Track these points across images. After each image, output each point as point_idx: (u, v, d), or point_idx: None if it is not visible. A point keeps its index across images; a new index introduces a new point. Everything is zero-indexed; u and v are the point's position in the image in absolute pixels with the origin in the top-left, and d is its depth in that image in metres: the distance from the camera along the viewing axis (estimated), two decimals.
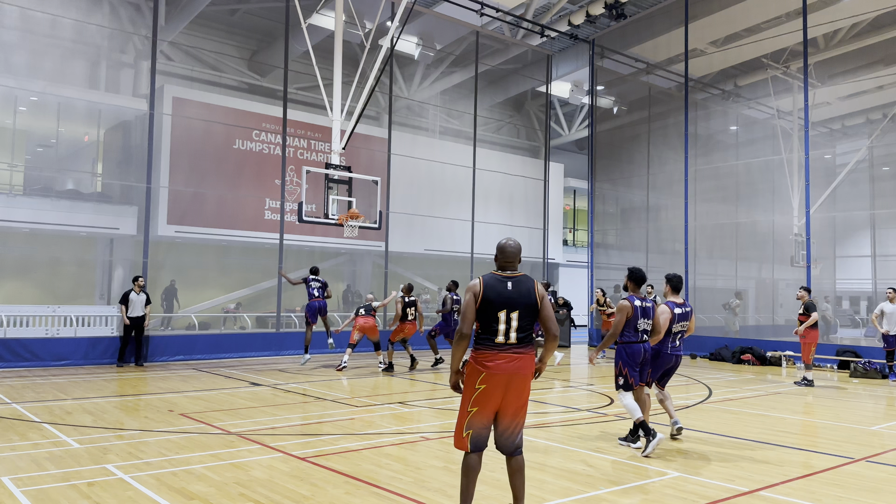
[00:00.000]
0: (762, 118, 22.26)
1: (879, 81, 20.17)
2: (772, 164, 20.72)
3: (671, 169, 21.86)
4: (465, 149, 22.02)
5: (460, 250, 21.72)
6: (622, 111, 24.99)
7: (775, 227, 21.18)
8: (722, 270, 22.65)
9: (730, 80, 22.80)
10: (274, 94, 20.16)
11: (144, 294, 14.35)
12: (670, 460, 6.67)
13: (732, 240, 22.28)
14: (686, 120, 20.78)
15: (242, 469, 6.09)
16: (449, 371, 8.32)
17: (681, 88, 21.57)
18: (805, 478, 6.13)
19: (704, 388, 12.35)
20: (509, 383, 4.40)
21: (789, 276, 21.01)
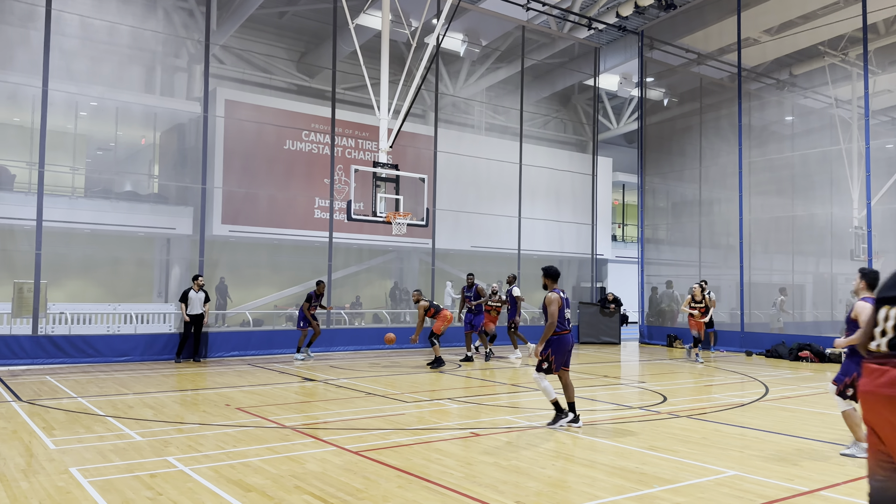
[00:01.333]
0: (819, 108, 21.54)
1: None
2: (830, 155, 20.04)
3: (724, 161, 21.35)
4: (511, 145, 21.93)
5: (507, 247, 21.66)
6: (672, 103, 24.50)
7: (834, 220, 20.47)
8: (778, 265, 22.01)
9: (785, 69, 22.12)
10: (322, 94, 20.45)
11: (204, 292, 14.73)
12: (727, 459, 6.54)
13: (788, 233, 21.62)
14: (739, 111, 20.25)
15: (297, 462, 6.22)
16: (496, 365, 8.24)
17: (733, 79, 21.03)
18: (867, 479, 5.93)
19: (761, 385, 12.05)
20: None
21: (849, 270, 20.25)
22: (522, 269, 21.69)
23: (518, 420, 8.47)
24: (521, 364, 14.97)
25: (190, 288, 14.71)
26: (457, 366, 14.35)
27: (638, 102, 24.02)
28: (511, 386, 11.64)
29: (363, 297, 22.05)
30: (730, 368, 14.84)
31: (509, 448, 6.94)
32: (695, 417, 8.76)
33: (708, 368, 14.97)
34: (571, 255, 24.02)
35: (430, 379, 12.48)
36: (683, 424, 8.29)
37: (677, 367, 14.95)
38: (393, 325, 20.23)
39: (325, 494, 5.24)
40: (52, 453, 6.45)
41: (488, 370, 13.90)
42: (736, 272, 20.07)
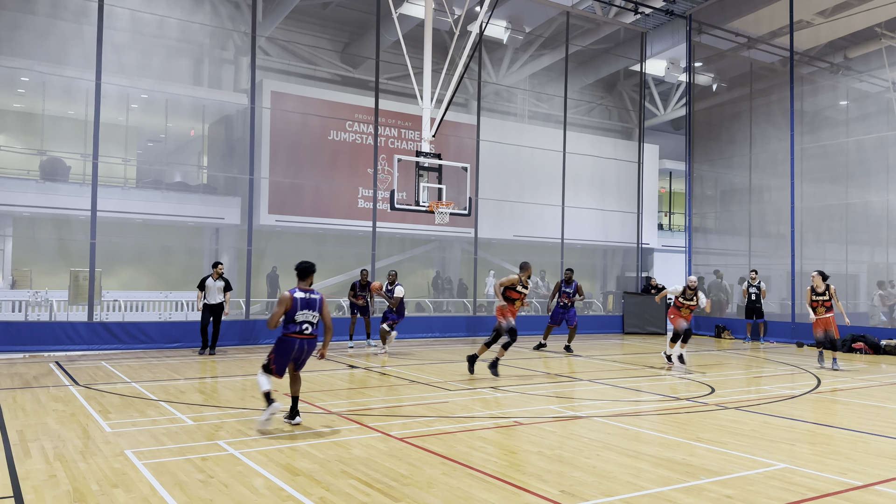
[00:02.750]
0: (875, 92, 20.75)
1: None
2: (886, 141, 19.30)
3: (775, 148, 20.76)
4: (554, 133, 21.71)
5: (550, 236, 21.51)
6: (721, 88, 23.90)
7: (890, 208, 19.74)
8: (830, 254, 21.35)
9: (839, 53, 21.36)
10: (366, 84, 20.56)
11: (223, 280, 13.67)
12: (776, 452, 6.40)
13: (842, 222, 20.94)
14: (791, 96, 19.65)
15: (343, 447, 6.32)
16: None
17: (785, 63, 20.41)
18: None
19: (812, 377, 11.74)
20: None
21: None
22: (566, 259, 21.52)
23: (563, 410, 8.44)
24: None
25: (209, 275, 13.71)
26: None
27: (686, 88, 23.51)
28: (555, 376, 11.59)
29: (405, 286, 22.16)
30: (780, 360, 14.50)
31: (553, 437, 6.92)
32: (743, 409, 8.59)
33: (757, 360, 14.65)
34: (616, 244, 23.73)
35: (474, 368, 12.51)
36: (732, 416, 8.15)
37: (725, 358, 14.67)
38: (436, 314, 20.30)
39: (371, 480, 5.32)
40: (108, 436, 6.68)
41: (528, 360, 13.86)
42: (787, 262, 19.55)
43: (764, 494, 5.09)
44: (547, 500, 4.88)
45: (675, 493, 5.09)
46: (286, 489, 5.07)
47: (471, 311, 20.07)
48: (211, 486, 5.11)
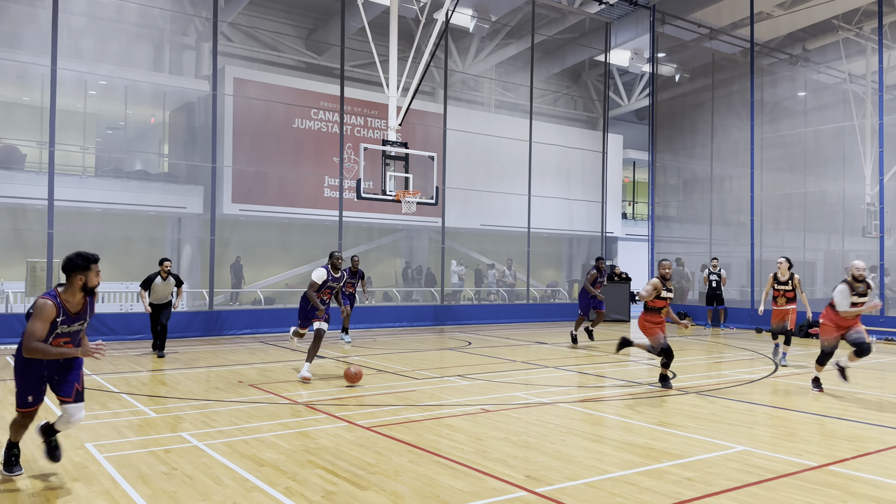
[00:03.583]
0: (832, 83, 21.29)
1: None
2: (842, 131, 19.83)
3: (736, 138, 21.16)
4: (521, 122, 21.81)
5: (517, 225, 21.64)
6: (684, 79, 24.24)
7: (846, 197, 20.33)
8: (789, 242, 21.91)
9: (798, 44, 21.83)
10: (331, 72, 20.36)
11: (173, 278, 12.00)
12: (735, 435, 6.57)
13: (800, 210, 21.49)
14: (752, 86, 20.02)
15: (310, 437, 6.30)
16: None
17: (746, 54, 20.78)
18: (878, 453, 5.96)
19: (770, 362, 12.05)
20: None
21: (860, 247, 20.15)
22: (532, 247, 21.68)
23: (529, 396, 8.53)
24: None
25: (156, 273, 11.85)
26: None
27: (649, 78, 23.78)
28: (521, 363, 11.70)
29: (373, 275, 22.11)
30: (740, 345, 14.85)
31: (519, 424, 6.99)
32: (704, 394, 8.79)
33: (718, 346, 14.97)
34: (581, 232, 23.98)
35: (441, 356, 12.57)
36: (692, 401, 8.33)
37: (686, 344, 14.96)
38: (403, 304, 20.32)
39: (338, 469, 5.32)
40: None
41: (495, 349, 13.97)
42: (746, 249, 19.98)
43: (723, 476, 5.22)
44: (512, 485, 4.94)
45: (637, 477, 5.19)
46: (251, 480, 5.04)
47: (438, 300, 20.11)
48: (175, 479, 5.06)
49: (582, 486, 4.98)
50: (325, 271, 9.34)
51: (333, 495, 4.73)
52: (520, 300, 22.35)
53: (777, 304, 11.62)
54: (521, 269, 22.41)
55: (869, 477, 5.26)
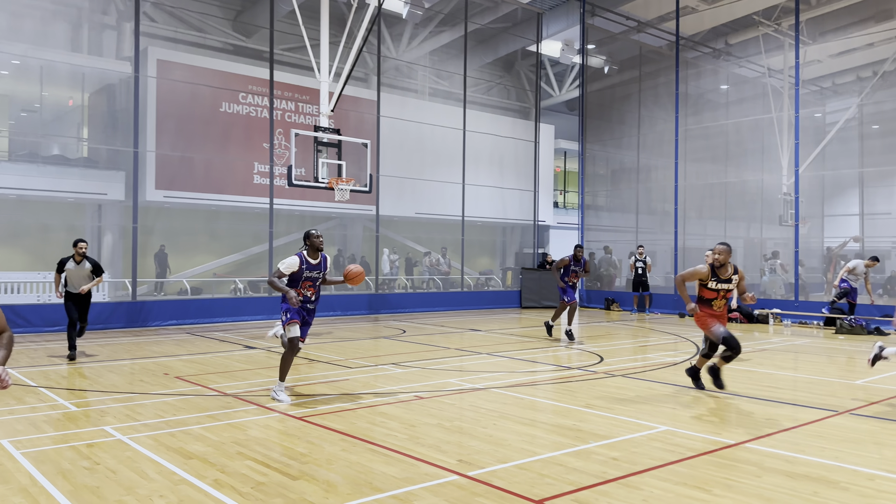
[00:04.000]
0: (753, 77, 22.17)
1: (870, 38, 20.05)
2: (762, 123, 20.70)
3: (661, 129, 21.81)
4: (455, 110, 21.86)
5: (451, 213, 21.72)
6: (613, 71, 24.79)
7: (764, 187, 21.26)
8: (711, 230, 22.78)
9: (721, 39, 22.61)
10: (260, 55, 19.86)
11: (89, 262, 10.48)
12: (659, 415, 6.82)
13: (722, 199, 22.36)
14: (677, 79, 20.67)
15: (239, 429, 6.19)
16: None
17: (671, 47, 21.40)
18: (790, 430, 6.30)
19: (692, 345, 12.54)
20: None
21: (777, 235, 21.17)
22: (468, 237, 21.83)
23: (462, 383, 8.61)
24: None
25: (69, 257, 10.40)
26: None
27: (579, 70, 24.20)
28: (456, 350, 11.79)
29: None
30: (664, 330, 15.38)
31: (453, 410, 7.06)
32: (630, 376, 9.08)
33: (643, 330, 15.47)
34: (515, 221, 24.28)
35: (375, 345, 12.54)
36: (619, 383, 8.59)
37: (613, 329, 15.40)
38: (336, 293, 20.13)
39: (269, 460, 5.25)
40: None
41: (429, 336, 14.03)
42: (671, 237, 20.70)
43: (647, 455, 5.42)
44: (445, 470, 4.99)
45: (565, 458, 5.33)
46: (179, 473, 4.91)
47: (373, 288, 20.03)
48: (97, 473, 4.88)
49: (512, 468, 5.07)
50: (298, 259, 7.37)
51: (264, 486, 4.67)
52: (454, 288, 22.49)
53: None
54: (456, 258, 22.55)
55: (782, 453, 5.55)
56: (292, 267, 7.32)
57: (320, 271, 7.51)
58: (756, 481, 4.81)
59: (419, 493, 4.52)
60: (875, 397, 7.85)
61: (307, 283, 7.42)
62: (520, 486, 4.67)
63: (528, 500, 4.41)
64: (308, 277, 7.43)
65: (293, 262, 7.34)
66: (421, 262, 23.29)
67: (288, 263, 7.33)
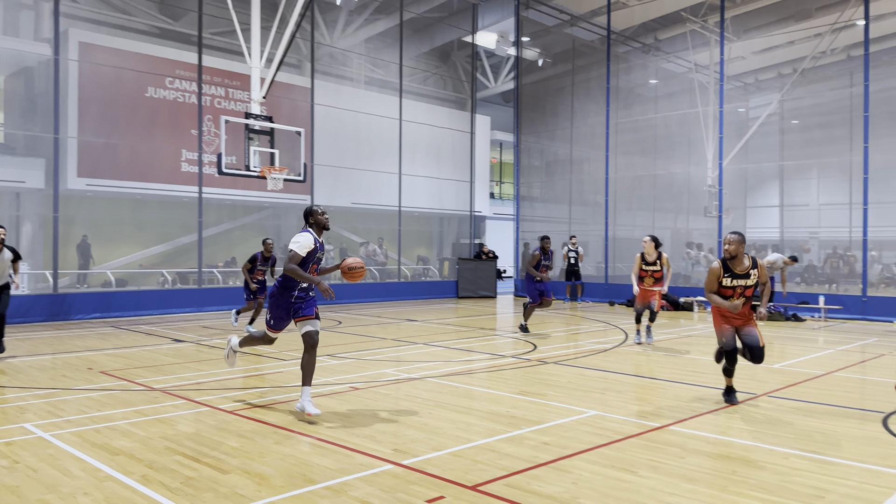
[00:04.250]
0: (680, 72, 22.86)
1: (790, 37, 20.97)
2: (688, 118, 21.40)
3: (593, 122, 22.27)
4: (391, 100, 21.73)
5: (388, 203, 21.64)
6: (547, 63, 25.13)
7: (690, 179, 22.00)
8: (640, 221, 23.44)
9: (650, 34, 23.22)
10: (188, 39, 19.22)
11: (8, 250, 9.66)
12: (589, 401, 7.00)
13: (651, 191, 23.03)
14: (608, 73, 21.13)
15: (168, 424, 6.03)
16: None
17: (603, 41, 21.85)
18: (712, 413, 6.58)
19: (621, 332, 12.91)
20: None
21: (702, 225, 21.95)
22: (404, 227, 21.80)
23: (398, 373, 8.62)
24: None
25: None
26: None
27: (514, 62, 24.43)
28: (392, 341, 11.78)
29: (238, 255, 21.34)
30: (595, 318, 15.77)
31: (388, 400, 7.06)
32: (562, 363, 9.28)
33: (575, 318, 15.82)
34: (451, 211, 24.38)
35: None
36: (551, 370, 8.78)
37: (547, 318, 15.69)
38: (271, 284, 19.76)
39: (199, 454, 5.14)
40: None
41: (366, 327, 13.97)
42: (602, 228, 21.21)
43: (577, 439, 5.56)
44: (380, 460, 4.99)
45: (499, 444, 5.41)
46: (104, 469, 4.75)
47: None
48: (17, 472, 4.67)
49: (447, 455, 5.12)
50: (311, 237, 6.26)
51: (194, 481, 4.57)
52: (391, 279, 22.43)
53: (644, 285, 10.94)
54: (393, 248, 22.49)
55: (704, 434, 5.80)
56: (308, 246, 6.19)
57: (324, 252, 6.52)
58: (680, 462, 5.01)
59: (353, 484, 4.51)
60: (791, 380, 8.28)
61: (314, 266, 6.37)
62: (454, 472, 4.72)
63: (461, 486, 4.47)
64: (317, 259, 6.38)
65: (308, 240, 6.20)
66: (357, 253, 23.12)
67: (303, 243, 6.16)
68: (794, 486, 4.52)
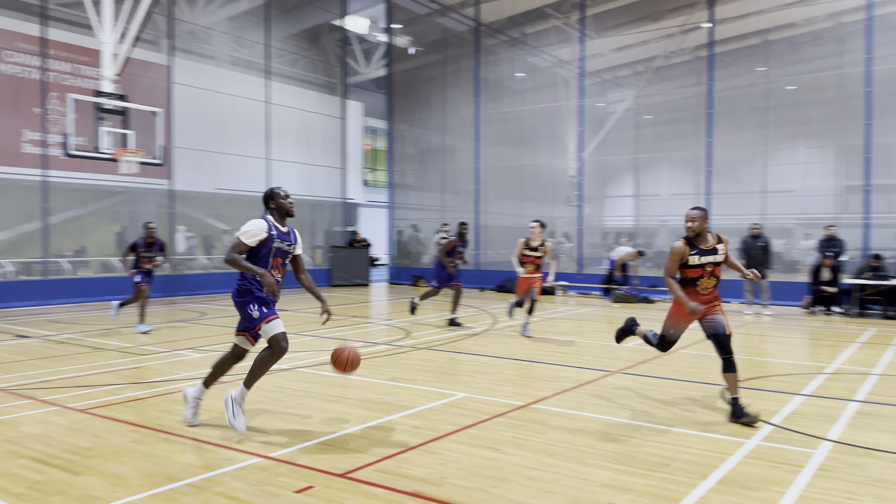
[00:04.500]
0: (545, 66, 23.73)
1: (644, 37, 22.33)
2: (552, 111, 22.29)
3: (464, 112, 22.67)
4: (257, 81, 20.98)
5: (255, 189, 20.90)
6: (419, 52, 25.24)
7: (554, 170, 22.96)
8: (508, 210, 24.19)
9: (518, 28, 23.91)
10: (28, 8, 17.54)
11: None
12: (459, 384, 7.18)
13: (518, 181, 23.80)
14: (477, 64, 21.56)
15: (11, 426, 5.54)
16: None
17: (473, 33, 22.25)
18: (572, 390, 6.96)
19: (490, 316, 13.31)
20: None
21: (565, 214, 23.00)
22: None
23: None
24: None
25: None
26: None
27: (386, 48, 24.34)
28: None
29: (89, 243, 19.84)
30: (465, 303, 16.14)
31: (255, 392, 6.86)
32: (434, 349, 9.44)
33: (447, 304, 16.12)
34: (324, 199, 23.97)
35: (172, 330, 11.80)
36: (423, 356, 8.91)
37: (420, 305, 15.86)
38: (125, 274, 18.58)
39: (47, 456, 4.77)
40: None
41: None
42: (473, 216, 21.70)
43: (446, 422, 5.70)
44: (246, 453, 4.87)
45: (371, 431, 5.44)
46: None
47: (168, 269, 18.75)
48: None
49: (318, 445, 5.08)
50: (265, 224, 5.31)
51: (41, 485, 4.24)
52: None
53: (525, 271, 10.56)
54: None
55: (564, 411, 6.12)
56: (258, 234, 5.22)
57: (291, 243, 5.43)
58: (541, 438, 5.26)
59: (219, 479, 4.37)
60: (643, 357, 8.91)
61: (277, 259, 5.34)
62: (324, 461, 4.69)
63: (331, 474, 4.45)
64: (279, 251, 5.35)
65: (259, 227, 5.24)
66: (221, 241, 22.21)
67: (252, 231, 5.21)
68: (643, 455, 4.89)
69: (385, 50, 24.85)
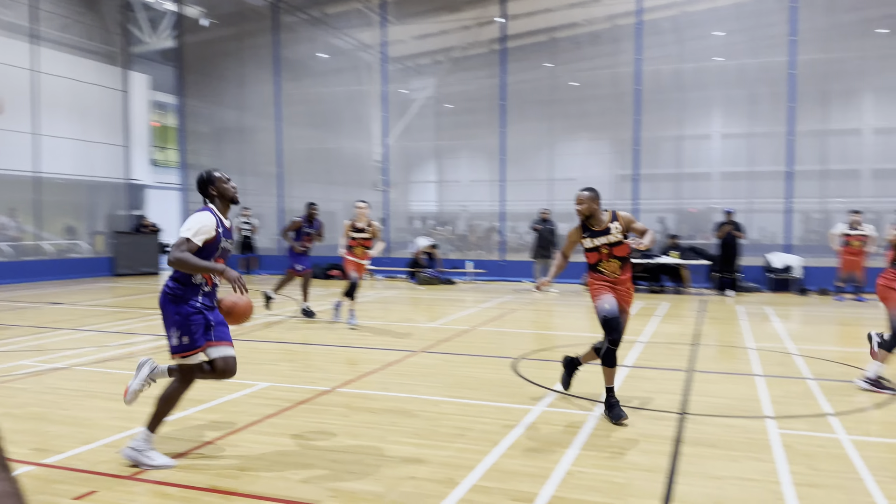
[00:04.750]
0: (348, 49, 23.57)
1: (443, 27, 22.98)
2: (356, 94, 22.24)
3: (263, 90, 21.84)
4: (21, 46, 18.52)
5: (20, 168, 18.51)
6: (213, 24, 23.79)
7: (359, 154, 22.97)
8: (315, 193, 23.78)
9: (319, 7, 23.46)
10: None
11: None
12: (261, 373, 6.96)
13: (324, 164, 23.48)
14: (277, 42, 20.86)
15: None
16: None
17: (270, 8, 21.47)
18: (377, 371, 7.04)
19: (293, 302, 13.05)
20: None
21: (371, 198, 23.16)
22: (45, 196, 18.92)
23: (38, 364, 7.52)
24: None
25: None
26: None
27: (175, 18, 22.67)
28: (31, 328, 10.23)
29: None
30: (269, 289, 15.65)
31: (26, 395, 6.13)
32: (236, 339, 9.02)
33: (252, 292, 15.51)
34: (103, 179, 21.84)
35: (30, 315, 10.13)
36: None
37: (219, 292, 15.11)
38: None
39: None
40: None
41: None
42: (276, 199, 21.06)
43: (247, 413, 5.50)
44: (16, 462, 4.31)
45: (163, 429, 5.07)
46: None
47: None
48: None
49: (99, 447, 4.65)
50: (213, 219, 4.39)
51: None
52: (28, 257, 19.34)
53: (354, 255, 10.06)
54: (29, 221, 19.39)
55: (368, 392, 6.18)
56: (208, 232, 4.30)
57: (231, 239, 4.59)
58: (345, 421, 5.27)
59: None
60: (444, 336, 9.26)
61: (218, 260, 4.44)
62: (107, 464, 4.32)
63: (115, 477, 4.11)
64: (223, 249, 4.48)
65: (208, 223, 4.32)
66: None
67: (200, 226, 4.28)
68: (442, 428, 5.09)
69: (174, 20, 23.10)
